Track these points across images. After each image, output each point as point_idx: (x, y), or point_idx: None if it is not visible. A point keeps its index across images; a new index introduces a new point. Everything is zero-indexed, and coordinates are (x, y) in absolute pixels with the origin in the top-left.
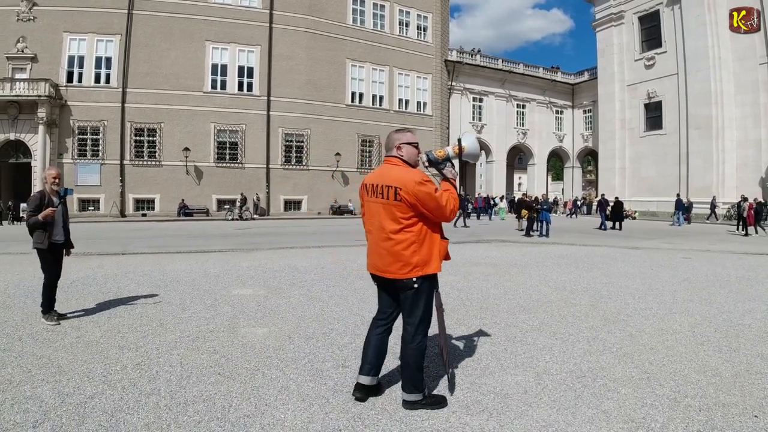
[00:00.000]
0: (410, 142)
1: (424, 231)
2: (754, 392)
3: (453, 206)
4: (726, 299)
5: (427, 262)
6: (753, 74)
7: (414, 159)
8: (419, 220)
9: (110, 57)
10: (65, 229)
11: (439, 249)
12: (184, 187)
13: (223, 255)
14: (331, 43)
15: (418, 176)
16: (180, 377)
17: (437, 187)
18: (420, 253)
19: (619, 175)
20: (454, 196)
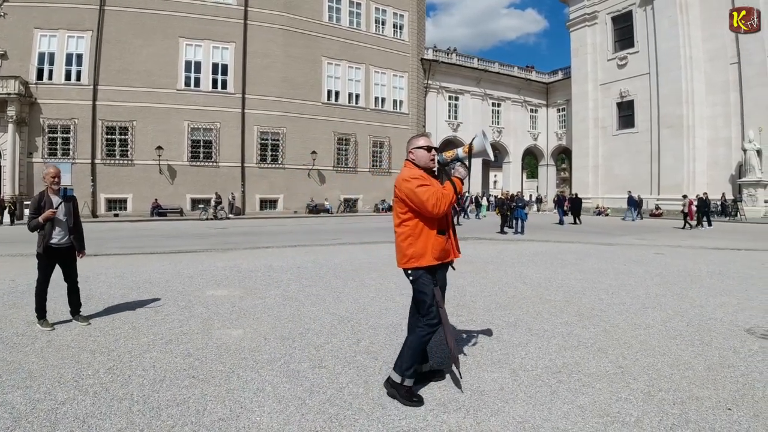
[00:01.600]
0: (421, 146)
1: (419, 226)
2: (727, 385)
3: (435, 202)
4: (698, 294)
5: (421, 255)
6: (724, 74)
7: (425, 161)
8: (414, 215)
9: (81, 54)
10: (76, 231)
11: (433, 244)
12: (158, 186)
13: (198, 255)
14: (307, 40)
15: (407, 174)
16: (153, 381)
17: (423, 184)
18: (415, 246)
19: (593, 173)
20: (444, 193)
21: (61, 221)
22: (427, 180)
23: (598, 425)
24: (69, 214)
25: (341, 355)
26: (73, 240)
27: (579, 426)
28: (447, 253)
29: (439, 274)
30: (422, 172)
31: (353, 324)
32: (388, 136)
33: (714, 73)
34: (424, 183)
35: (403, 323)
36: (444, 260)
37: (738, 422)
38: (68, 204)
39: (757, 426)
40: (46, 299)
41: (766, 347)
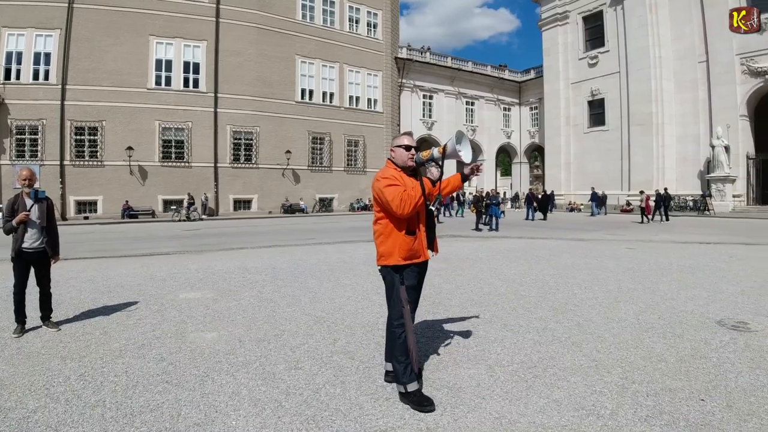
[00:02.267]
0: (400, 145)
1: (390, 226)
2: (700, 376)
3: (399, 203)
4: (669, 287)
5: (390, 253)
6: (692, 73)
7: (403, 160)
8: (386, 215)
9: (49, 53)
10: (50, 234)
11: (400, 244)
12: (128, 187)
13: (170, 258)
14: (281, 39)
15: (380, 174)
16: (126, 387)
17: (392, 184)
18: (385, 244)
19: (565, 170)
20: (410, 195)
21: (34, 224)
22: (399, 180)
23: (574, 418)
24: (42, 216)
25: (317, 356)
26: (46, 244)
27: (555, 420)
28: (415, 253)
29: (409, 274)
30: (396, 172)
31: (329, 324)
32: (363, 135)
33: (683, 71)
34: (392, 183)
35: (379, 321)
36: (412, 260)
37: (711, 412)
38: (41, 206)
39: (730, 416)
40: (24, 304)
41: (736, 338)
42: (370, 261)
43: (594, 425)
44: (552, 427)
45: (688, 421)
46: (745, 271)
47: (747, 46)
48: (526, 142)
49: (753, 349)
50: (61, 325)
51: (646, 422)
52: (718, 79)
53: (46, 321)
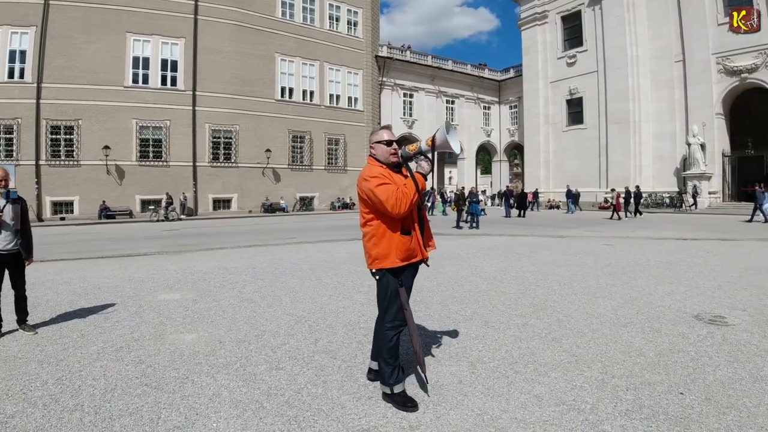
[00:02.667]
0: (380, 140)
1: (383, 227)
2: (678, 370)
3: (395, 202)
4: (646, 282)
5: (386, 255)
6: (669, 71)
7: (385, 156)
8: (377, 215)
9: (25, 50)
10: (24, 236)
11: (397, 245)
12: (105, 187)
13: (148, 258)
14: (260, 36)
15: (367, 173)
16: (104, 390)
17: (383, 183)
18: (379, 246)
19: (544, 168)
20: (405, 192)
21: (8, 225)
22: (388, 178)
23: (555, 413)
24: (17, 217)
25: (299, 356)
26: (20, 246)
27: (536, 415)
28: (413, 253)
29: (406, 275)
30: (383, 169)
31: (311, 324)
32: (344, 134)
33: (659, 70)
34: (383, 182)
35: (360, 320)
36: (410, 261)
37: (690, 405)
38: (15, 207)
39: (709, 409)
40: (25, 305)
41: (714, 332)
42: (351, 260)
43: (575, 420)
44: (533, 422)
45: (668, 414)
46: (721, 266)
47: (723, 46)
48: (506, 140)
49: (730, 342)
50: (38, 328)
51: (626, 416)
52: (694, 78)
53: (23, 324)
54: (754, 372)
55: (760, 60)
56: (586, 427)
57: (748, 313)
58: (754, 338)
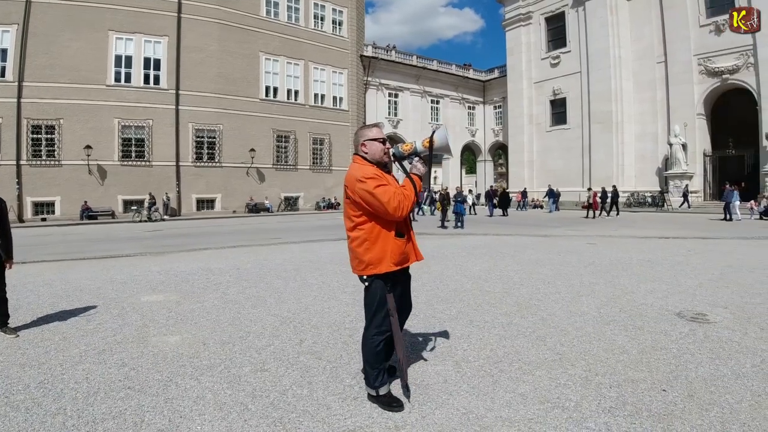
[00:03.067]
0: (375, 138)
1: (376, 230)
2: (661, 367)
3: (398, 204)
4: (629, 281)
5: (380, 260)
6: (651, 73)
7: (378, 155)
8: (370, 218)
9: (6, 48)
10: (3, 237)
11: (392, 248)
12: (87, 187)
13: (131, 260)
14: (244, 35)
15: (360, 173)
16: (87, 394)
17: (381, 184)
18: (372, 251)
19: (528, 168)
20: (406, 194)
21: None
22: (384, 178)
23: (540, 411)
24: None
25: (284, 357)
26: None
27: (521, 414)
28: (407, 257)
29: (397, 280)
30: (375, 169)
31: (296, 324)
32: (329, 133)
33: (642, 71)
34: (381, 183)
35: (346, 321)
36: (404, 264)
37: (673, 402)
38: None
39: (691, 405)
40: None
41: (696, 330)
42: (336, 260)
43: (559, 417)
44: (518, 420)
45: (651, 411)
46: (702, 264)
47: (705, 47)
48: (491, 140)
49: (712, 339)
50: (19, 331)
51: (609, 413)
52: (676, 79)
53: (4, 327)
54: (735, 369)
55: (742, 61)
56: (571, 424)
57: (729, 311)
58: (736, 335)
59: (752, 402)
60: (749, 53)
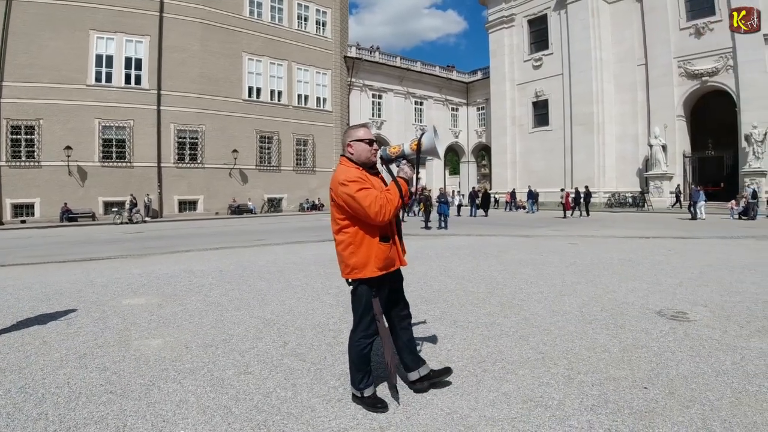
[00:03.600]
0: (361, 139)
1: (360, 234)
2: (642, 365)
3: (379, 208)
4: (610, 280)
5: (364, 265)
6: (632, 75)
7: (365, 157)
8: (354, 222)
9: None
10: None
11: (376, 253)
12: (67, 189)
13: (112, 262)
14: (227, 35)
15: (343, 176)
16: (68, 399)
17: (364, 187)
18: (357, 255)
19: (511, 168)
20: (389, 198)
21: None
22: (368, 181)
23: (523, 410)
24: None
25: (267, 360)
26: None
27: (505, 413)
28: (392, 262)
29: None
30: (360, 172)
31: (279, 326)
32: (312, 134)
33: (622, 73)
34: (364, 186)
35: (330, 322)
36: (389, 269)
37: (655, 400)
38: None
39: (672, 403)
40: None
41: (676, 328)
42: (320, 261)
43: (542, 416)
44: (502, 419)
45: (633, 408)
46: (682, 263)
47: (684, 50)
48: (474, 141)
49: (692, 338)
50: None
51: (592, 411)
52: (656, 81)
53: None
54: (716, 366)
55: (721, 63)
56: (553, 422)
57: (709, 309)
58: (716, 333)
59: (733, 399)
60: (729, 56)
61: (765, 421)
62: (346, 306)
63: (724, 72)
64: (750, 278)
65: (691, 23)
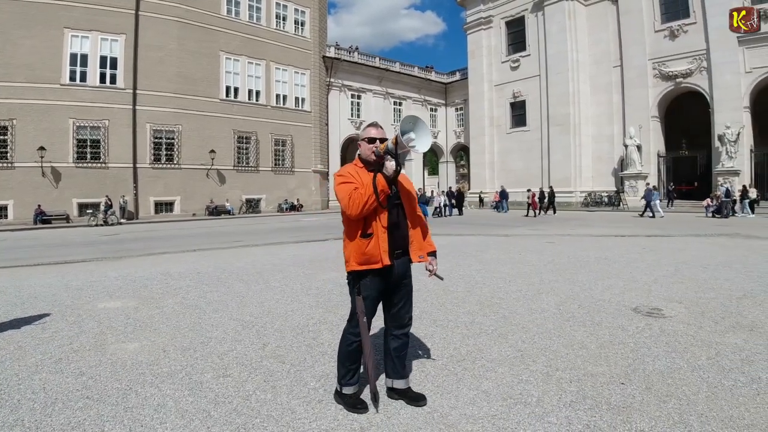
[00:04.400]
0: (364, 137)
1: (350, 227)
2: (619, 361)
3: (348, 203)
4: (587, 278)
5: (348, 258)
6: (607, 76)
7: (366, 154)
8: (343, 215)
9: None
10: None
11: (355, 248)
12: (41, 190)
13: (87, 265)
14: (204, 34)
15: (337, 172)
16: (44, 404)
17: (345, 182)
18: (347, 248)
19: (489, 169)
20: (360, 193)
21: None
22: (354, 177)
23: (503, 408)
24: None
25: (247, 362)
26: None
27: (485, 410)
28: (372, 258)
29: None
30: (354, 168)
31: (258, 328)
32: (291, 135)
33: (598, 75)
34: (345, 181)
35: (310, 323)
36: (370, 266)
37: (632, 395)
38: None
39: (649, 398)
40: None
41: (652, 324)
42: (299, 262)
43: (521, 413)
44: (482, 417)
45: (610, 404)
46: (657, 261)
47: (659, 52)
48: (452, 141)
49: (668, 333)
50: None
51: (570, 407)
52: (631, 83)
53: None
54: (691, 361)
55: (695, 65)
56: (533, 419)
57: (684, 305)
58: (691, 329)
59: (708, 393)
60: (702, 57)
61: (740, 414)
62: (326, 307)
63: (698, 73)
64: (724, 275)
65: (666, 25)
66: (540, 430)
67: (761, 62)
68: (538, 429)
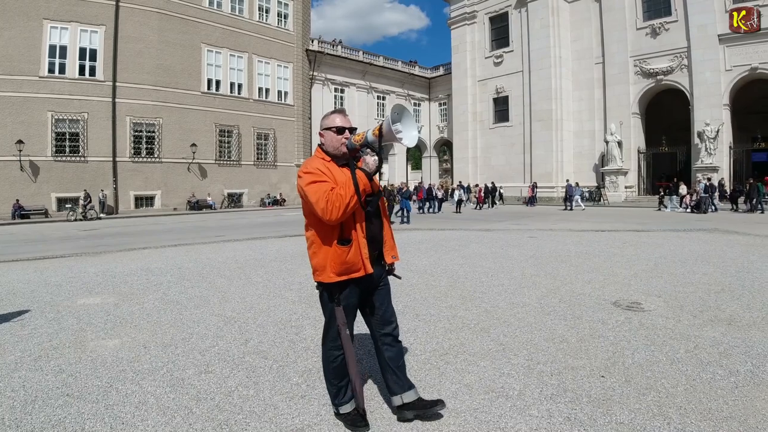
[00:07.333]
0: (330, 127)
1: (321, 233)
2: (599, 354)
3: (326, 206)
4: (568, 272)
5: (323, 267)
6: (589, 73)
7: (335, 146)
8: (312, 218)
9: None
10: None
11: (332, 256)
12: (19, 185)
13: (66, 261)
14: (185, 25)
15: (303, 167)
16: (24, 402)
17: (317, 180)
18: (317, 256)
19: (472, 164)
20: (340, 194)
21: None
22: (326, 174)
23: (485, 401)
24: None
25: (229, 358)
26: None
27: (467, 404)
28: (353, 267)
29: (348, 293)
30: (323, 163)
31: (240, 324)
32: (273, 128)
33: (580, 71)
34: (316, 179)
35: (292, 319)
36: (350, 275)
37: (612, 388)
38: None
39: (629, 390)
40: None
41: (631, 318)
42: (281, 257)
43: (503, 406)
44: (464, 411)
45: (591, 396)
46: (637, 255)
47: (640, 49)
48: (436, 136)
49: (647, 327)
50: None
51: (551, 400)
52: (612, 79)
53: None
54: (670, 354)
55: (676, 63)
56: (514, 412)
57: (663, 299)
58: (670, 323)
59: (687, 386)
60: (683, 55)
61: (719, 407)
62: (308, 302)
63: (679, 71)
64: (702, 269)
65: (647, 23)
66: (521, 423)
67: (741, 60)
68: (520, 422)
